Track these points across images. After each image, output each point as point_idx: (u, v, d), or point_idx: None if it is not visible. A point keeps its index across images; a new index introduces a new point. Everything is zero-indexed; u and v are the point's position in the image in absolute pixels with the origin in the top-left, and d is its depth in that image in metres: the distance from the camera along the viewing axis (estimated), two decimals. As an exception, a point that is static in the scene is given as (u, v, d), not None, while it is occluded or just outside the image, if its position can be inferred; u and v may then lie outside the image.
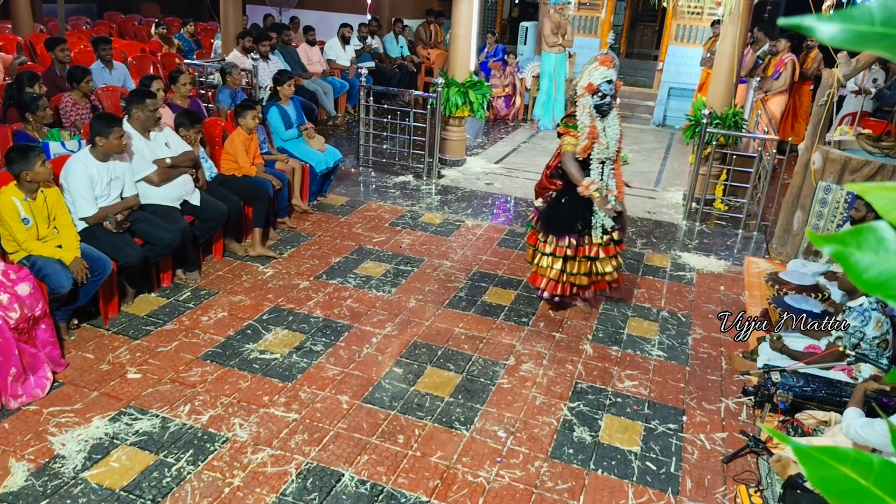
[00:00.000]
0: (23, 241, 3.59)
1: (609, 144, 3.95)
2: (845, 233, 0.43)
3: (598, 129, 3.89)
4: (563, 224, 4.02)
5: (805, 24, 0.42)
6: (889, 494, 0.45)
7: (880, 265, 0.41)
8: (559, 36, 9.05)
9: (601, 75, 3.79)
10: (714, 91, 6.33)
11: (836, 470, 0.46)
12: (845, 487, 0.46)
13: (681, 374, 3.87)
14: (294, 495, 2.79)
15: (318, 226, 5.65)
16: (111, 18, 11.62)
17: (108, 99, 6.18)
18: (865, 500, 0.45)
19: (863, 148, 4.95)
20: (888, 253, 0.41)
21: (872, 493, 0.45)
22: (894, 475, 0.46)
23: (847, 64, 4.84)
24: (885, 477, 0.46)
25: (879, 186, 0.42)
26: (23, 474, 2.79)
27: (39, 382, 3.31)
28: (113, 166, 4.08)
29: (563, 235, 4.02)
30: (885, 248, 0.41)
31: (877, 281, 0.41)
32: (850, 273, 0.42)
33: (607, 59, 3.81)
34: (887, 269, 0.41)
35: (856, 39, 0.40)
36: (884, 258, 0.41)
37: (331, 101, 9.09)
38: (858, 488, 0.45)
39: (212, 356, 3.73)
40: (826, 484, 0.46)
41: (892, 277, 0.41)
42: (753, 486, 2.94)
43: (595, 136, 3.88)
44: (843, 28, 0.40)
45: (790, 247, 5.27)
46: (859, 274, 0.42)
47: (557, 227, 4.03)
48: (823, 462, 0.47)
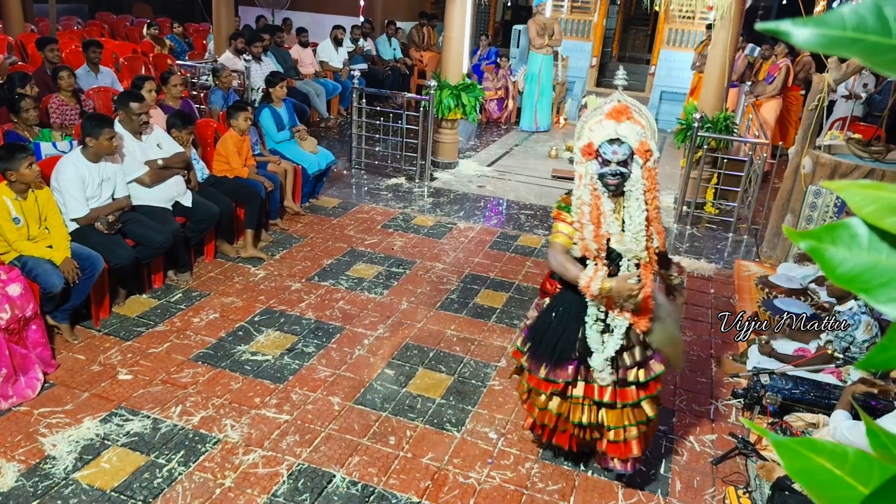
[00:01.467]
0: (13, 241, 3.58)
1: (628, 239, 2.53)
2: (820, 229, 0.44)
3: (604, 214, 2.53)
4: (554, 348, 2.72)
5: (781, 28, 0.44)
6: (862, 483, 0.46)
7: (853, 260, 0.43)
8: (545, 37, 9.11)
9: (604, 133, 2.46)
10: (705, 95, 6.39)
11: (813, 461, 0.48)
12: (821, 477, 0.47)
13: (671, 376, 3.89)
14: (285, 496, 2.79)
15: (310, 228, 5.65)
16: (103, 19, 11.58)
17: (99, 100, 6.15)
18: (840, 489, 0.46)
19: (852, 152, 5.00)
20: (861, 248, 0.43)
21: (847, 482, 0.46)
22: (868, 465, 0.47)
23: (837, 69, 4.89)
24: (859, 467, 0.47)
25: (853, 184, 0.43)
26: (13, 475, 2.78)
27: (30, 383, 3.29)
28: (104, 167, 4.07)
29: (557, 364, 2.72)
30: (857, 243, 0.43)
31: (850, 275, 0.43)
32: (824, 268, 0.44)
33: (618, 110, 2.47)
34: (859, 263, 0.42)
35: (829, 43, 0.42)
36: (857, 253, 0.43)
37: (323, 102, 9.10)
38: (834, 478, 0.47)
39: (203, 357, 3.72)
40: (803, 474, 0.47)
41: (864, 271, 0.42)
42: (742, 487, 2.96)
43: (598, 223, 2.54)
44: (816, 33, 0.42)
45: (780, 250, 5.31)
46: (833, 268, 0.43)
47: (547, 353, 2.74)
48: (800, 453, 0.48)
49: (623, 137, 2.44)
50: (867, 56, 0.40)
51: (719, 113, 6.23)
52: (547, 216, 6.35)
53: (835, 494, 0.46)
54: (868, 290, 0.41)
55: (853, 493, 0.45)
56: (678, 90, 9.87)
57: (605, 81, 11.83)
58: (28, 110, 4.63)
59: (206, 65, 8.15)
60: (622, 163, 2.45)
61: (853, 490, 0.46)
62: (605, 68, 12.11)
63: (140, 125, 4.42)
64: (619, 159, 2.45)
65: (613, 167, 2.45)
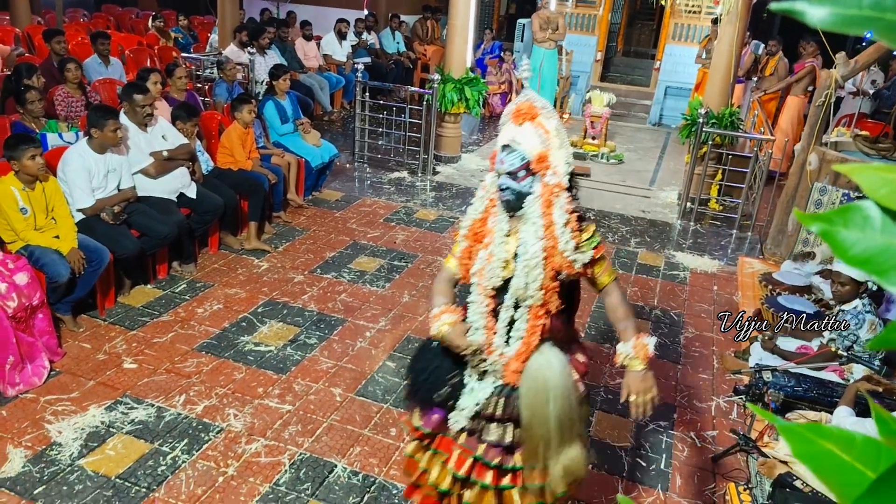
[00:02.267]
0: (21, 231, 3.59)
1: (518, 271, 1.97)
2: (832, 212, 0.44)
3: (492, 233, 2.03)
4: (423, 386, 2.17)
5: (796, 7, 0.43)
6: (870, 468, 0.46)
7: (866, 242, 0.43)
8: (548, 31, 9.08)
9: (502, 138, 2.01)
10: (711, 90, 6.36)
11: (820, 445, 0.48)
12: (829, 462, 0.47)
13: (672, 372, 3.90)
14: (287, 485, 2.80)
15: (312, 220, 5.66)
16: (108, 11, 11.58)
17: (105, 91, 6.16)
18: (848, 473, 0.46)
19: (860, 149, 4.98)
20: (873, 230, 0.43)
21: (854, 467, 0.46)
22: (876, 450, 0.47)
23: (845, 65, 4.87)
24: (867, 452, 0.47)
25: (867, 167, 0.43)
26: (20, 461, 2.80)
27: (37, 371, 3.31)
28: (110, 158, 4.08)
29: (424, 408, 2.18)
30: (870, 225, 0.43)
31: (862, 257, 0.43)
32: (836, 250, 0.44)
33: (519, 110, 1.96)
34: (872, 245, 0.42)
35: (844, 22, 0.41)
36: (870, 235, 0.43)
37: (327, 96, 9.09)
38: (841, 462, 0.47)
39: (207, 347, 3.73)
40: (809, 458, 0.47)
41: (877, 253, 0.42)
42: (743, 484, 2.96)
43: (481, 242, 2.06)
44: (832, 12, 0.42)
45: (784, 248, 5.30)
46: (845, 250, 0.43)
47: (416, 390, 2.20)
48: (807, 437, 0.48)
49: (516, 144, 1.94)
50: (884, 34, 0.40)
51: (725, 108, 6.21)
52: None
53: (842, 479, 0.46)
54: (881, 273, 0.41)
55: (861, 478, 0.46)
56: (683, 85, 9.83)
57: (610, 76, 11.80)
58: (33, 102, 4.62)
59: (211, 57, 8.15)
60: (512, 174, 1.94)
61: (861, 475, 0.46)
62: (609, 63, 12.07)
63: (145, 117, 4.42)
64: (506, 170, 1.95)
65: (501, 179, 1.97)
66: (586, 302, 4.62)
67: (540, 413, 1.95)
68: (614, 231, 5.97)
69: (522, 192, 1.95)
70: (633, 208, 6.54)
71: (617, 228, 6.04)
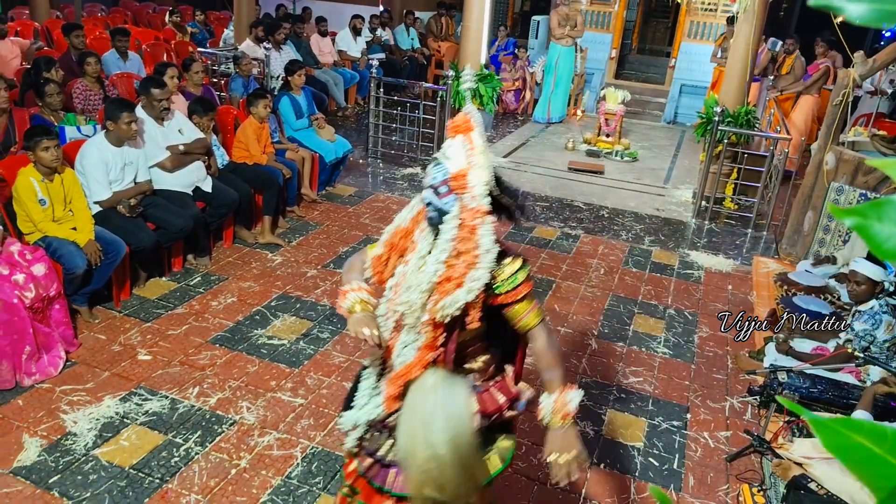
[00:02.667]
0: (39, 222, 3.63)
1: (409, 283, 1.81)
2: (866, 206, 0.44)
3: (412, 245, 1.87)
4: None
5: (834, 3, 0.43)
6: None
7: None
8: (566, 28, 9.05)
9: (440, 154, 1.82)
10: (727, 89, 6.31)
11: (851, 438, 0.48)
12: (860, 455, 0.47)
13: (686, 371, 3.88)
14: (299, 478, 2.82)
15: (326, 215, 5.68)
16: (126, 6, 11.66)
17: (123, 85, 6.21)
18: (879, 466, 0.46)
19: (877, 149, 4.93)
20: (909, 224, 0.43)
21: (887, 460, 0.46)
22: (908, 445, 0.47)
23: (863, 64, 4.81)
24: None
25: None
26: (36, 450, 2.84)
27: (53, 361, 3.35)
28: (127, 151, 4.11)
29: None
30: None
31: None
32: (870, 243, 0.43)
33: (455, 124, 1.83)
34: (907, 239, 0.42)
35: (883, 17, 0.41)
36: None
37: (341, 91, 9.11)
38: (873, 456, 0.47)
39: (221, 340, 3.76)
40: (841, 451, 0.47)
41: (912, 247, 0.42)
42: (757, 485, 2.94)
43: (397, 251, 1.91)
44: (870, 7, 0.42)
45: (800, 247, 5.25)
46: (879, 244, 0.43)
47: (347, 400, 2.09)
48: (838, 430, 0.48)
49: (443, 157, 1.79)
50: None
51: (741, 107, 6.16)
52: (563, 208, 6.33)
53: (874, 471, 0.46)
54: (916, 265, 0.41)
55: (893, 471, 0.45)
56: (699, 83, 9.76)
57: (624, 74, 11.73)
58: (52, 95, 4.66)
59: (227, 53, 8.19)
60: (434, 189, 1.77)
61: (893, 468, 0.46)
62: (624, 60, 12.00)
63: (161, 111, 4.45)
64: (429, 183, 1.79)
65: (425, 192, 1.80)
66: (598, 299, 4.60)
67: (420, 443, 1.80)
68: (628, 229, 5.94)
69: (443, 209, 1.77)
70: (647, 206, 6.51)
71: (631, 226, 6.01)
